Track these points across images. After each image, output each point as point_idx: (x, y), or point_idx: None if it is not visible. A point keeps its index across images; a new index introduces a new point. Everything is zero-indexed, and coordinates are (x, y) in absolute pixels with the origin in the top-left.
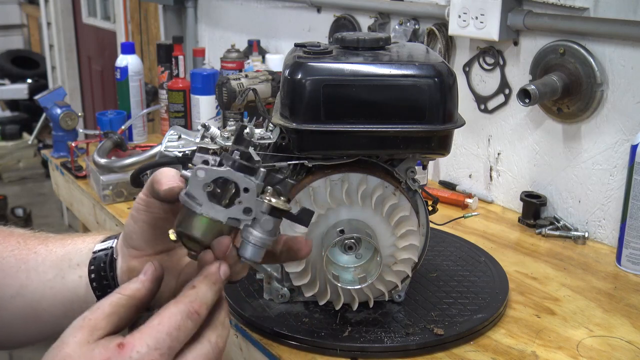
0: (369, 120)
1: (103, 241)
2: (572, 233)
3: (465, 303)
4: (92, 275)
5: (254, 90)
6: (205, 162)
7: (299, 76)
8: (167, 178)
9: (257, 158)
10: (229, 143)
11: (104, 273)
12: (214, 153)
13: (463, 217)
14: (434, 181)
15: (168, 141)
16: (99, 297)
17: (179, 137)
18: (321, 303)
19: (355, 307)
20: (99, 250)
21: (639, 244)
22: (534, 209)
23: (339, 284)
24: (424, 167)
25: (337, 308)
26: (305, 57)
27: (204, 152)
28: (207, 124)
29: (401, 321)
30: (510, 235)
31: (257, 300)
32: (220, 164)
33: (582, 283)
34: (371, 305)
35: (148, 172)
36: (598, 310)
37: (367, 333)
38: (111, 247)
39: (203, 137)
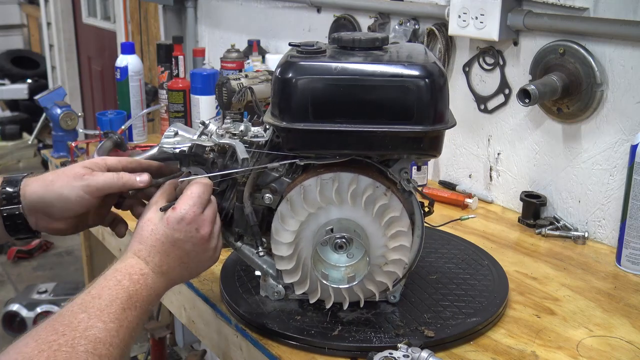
0: (358, 120)
1: (4, 202)
2: (572, 233)
3: (461, 306)
4: (10, 231)
5: (250, 89)
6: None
7: (289, 75)
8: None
9: (245, 155)
10: (224, 140)
11: (22, 227)
12: (212, 150)
13: (460, 219)
14: (433, 181)
15: (164, 137)
16: (14, 237)
17: (175, 134)
18: (312, 301)
19: (345, 306)
20: (8, 215)
21: (639, 244)
22: (533, 209)
23: (327, 283)
24: (418, 169)
25: (328, 307)
26: (297, 57)
27: (200, 148)
28: (205, 122)
29: (393, 322)
30: (510, 235)
31: (253, 297)
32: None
33: (582, 283)
34: (362, 305)
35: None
36: (598, 310)
37: (357, 333)
38: (20, 214)
39: (202, 134)
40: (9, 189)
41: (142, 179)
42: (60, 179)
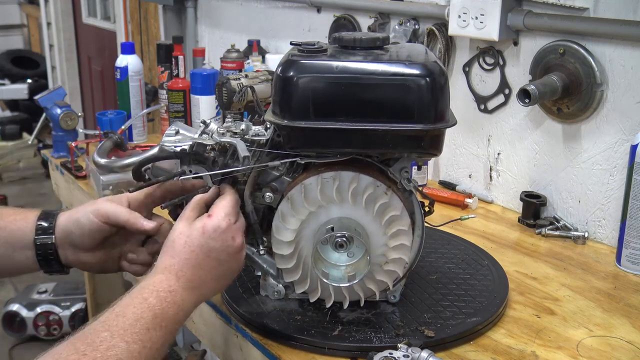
0: (359, 118)
1: (40, 232)
2: (572, 233)
3: (461, 306)
4: (41, 261)
5: (252, 87)
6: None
7: (290, 73)
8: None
9: (246, 154)
10: (225, 139)
11: (53, 260)
12: (213, 149)
13: (460, 219)
14: (433, 181)
15: (165, 136)
16: (46, 271)
17: (177, 133)
18: (312, 300)
19: (345, 305)
20: (41, 244)
21: (639, 244)
22: (533, 209)
23: (327, 281)
24: (419, 168)
25: (328, 306)
26: (298, 55)
27: (201, 147)
28: (206, 121)
29: (393, 322)
30: (510, 235)
31: (253, 297)
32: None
33: (582, 283)
34: (362, 304)
35: (150, 165)
36: (598, 310)
37: (357, 333)
38: (53, 243)
39: (203, 133)
40: (44, 224)
41: (148, 224)
42: (81, 208)
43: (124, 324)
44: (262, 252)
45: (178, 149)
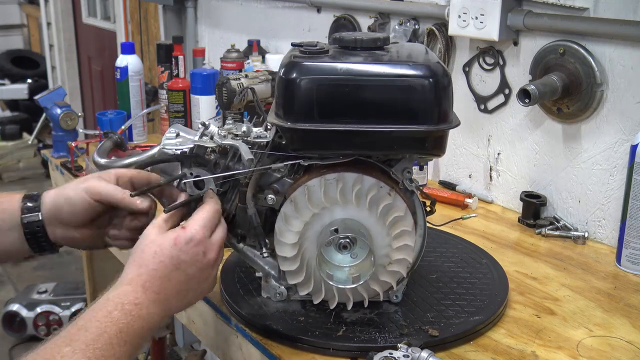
0: (363, 120)
1: (26, 211)
2: (572, 233)
3: (463, 305)
4: (30, 240)
5: (252, 89)
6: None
7: (293, 75)
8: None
9: (250, 156)
10: (227, 141)
11: (42, 239)
12: (213, 151)
13: (461, 218)
14: (434, 181)
15: (166, 139)
16: (36, 251)
17: (177, 135)
18: (316, 302)
19: (349, 306)
20: (29, 222)
21: (639, 244)
22: (533, 209)
23: (332, 283)
24: (421, 168)
25: (332, 307)
26: (300, 57)
27: (202, 149)
28: (206, 123)
29: (396, 321)
30: (510, 235)
31: (254, 298)
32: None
33: (582, 283)
34: (366, 305)
35: (149, 168)
36: (598, 310)
37: (361, 333)
38: (40, 221)
39: (203, 135)
40: (29, 204)
41: (143, 203)
42: (71, 184)
43: (86, 338)
44: (265, 255)
45: (178, 151)
